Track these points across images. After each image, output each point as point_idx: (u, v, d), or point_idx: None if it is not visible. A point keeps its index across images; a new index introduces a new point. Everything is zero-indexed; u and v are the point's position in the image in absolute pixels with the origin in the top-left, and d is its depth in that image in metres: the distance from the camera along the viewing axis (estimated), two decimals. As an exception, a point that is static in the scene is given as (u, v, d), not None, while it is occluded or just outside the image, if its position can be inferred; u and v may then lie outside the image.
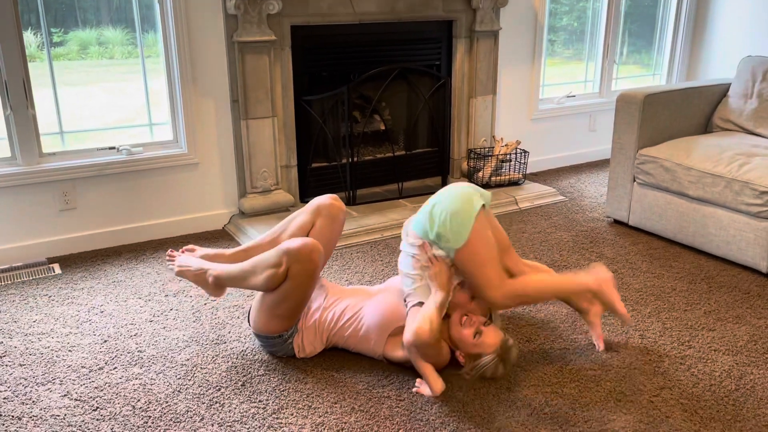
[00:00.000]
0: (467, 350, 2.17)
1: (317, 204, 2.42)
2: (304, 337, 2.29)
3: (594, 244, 3.35)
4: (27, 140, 3.06)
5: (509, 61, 4.31)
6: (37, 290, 2.85)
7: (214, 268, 2.30)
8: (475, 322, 2.17)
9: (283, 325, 2.25)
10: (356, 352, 2.33)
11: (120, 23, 3.26)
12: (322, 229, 2.40)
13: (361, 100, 3.89)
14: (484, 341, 2.14)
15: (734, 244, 3.03)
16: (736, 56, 4.70)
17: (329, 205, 2.42)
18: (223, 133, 3.47)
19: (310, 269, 2.14)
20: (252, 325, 2.32)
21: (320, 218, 2.40)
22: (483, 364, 2.13)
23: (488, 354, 2.13)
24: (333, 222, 2.42)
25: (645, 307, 2.70)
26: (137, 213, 3.37)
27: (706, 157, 3.17)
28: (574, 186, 4.33)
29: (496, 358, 2.13)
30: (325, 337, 2.31)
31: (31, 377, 2.21)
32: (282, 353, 2.32)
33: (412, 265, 2.20)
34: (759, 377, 2.22)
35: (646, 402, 2.08)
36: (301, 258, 2.11)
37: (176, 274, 2.38)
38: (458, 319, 2.20)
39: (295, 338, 2.28)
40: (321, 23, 3.52)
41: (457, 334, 2.19)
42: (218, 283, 2.30)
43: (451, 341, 2.22)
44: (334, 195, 2.46)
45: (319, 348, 2.32)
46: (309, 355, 2.31)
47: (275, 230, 2.46)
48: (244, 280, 2.22)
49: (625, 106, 3.44)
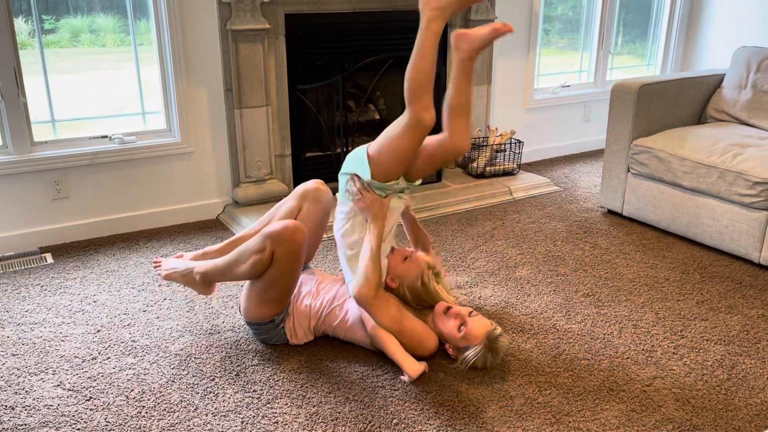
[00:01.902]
0: (454, 344, 2.19)
1: (303, 189, 2.43)
2: (296, 321, 2.29)
3: (588, 234, 3.36)
4: (18, 129, 3.03)
5: (504, 51, 4.30)
6: (29, 280, 2.83)
7: (200, 266, 2.30)
8: (459, 314, 2.17)
9: (273, 309, 2.25)
10: (347, 341, 2.33)
11: (112, 10, 3.23)
12: (309, 213, 2.40)
13: (356, 89, 3.87)
14: (470, 333, 2.14)
15: (727, 235, 3.04)
16: (731, 47, 4.70)
17: (314, 189, 2.42)
18: (216, 122, 3.45)
19: (293, 250, 2.14)
20: (243, 313, 2.32)
21: (306, 202, 2.41)
22: (472, 356, 2.13)
23: (476, 345, 2.13)
24: (318, 205, 2.42)
25: (638, 296, 2.71)
26: (130, 202, 3.35)
27: (700, 147, 3.18)
28: (568, 176, 4.33)
29: (483, 349, 2.13)
30: (314, 323, 2.31)
31: (23, 367, 2.20)
32: (275, 340, 2.32)
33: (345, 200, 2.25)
34: (750, 367, 2.23)
35: (638, 391, 2.09)
36: (284, 239, 2.11)
37: (164, 279, 2.38)
38: (441, 310, 2.21)
39: (286, 323, 2.28)
40: (315, 11, 3.49)
41: (442, 327, 2.20)
42: (206, 280, 2.30)
43: (439, 335, 2.23)
44: (319, 180, 2.47)
45: (310, 334, 2.33)
46: (301, 340, 2.32)
47: (262, 220, 2.47)
48: (231, 271, 2.22)
49: (620, 96, 3.44)
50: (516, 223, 3.52)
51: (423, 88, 2.06)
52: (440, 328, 2.20)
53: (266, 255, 2.12)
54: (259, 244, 2.13)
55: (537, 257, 3.08)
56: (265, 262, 2.13)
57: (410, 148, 2.13)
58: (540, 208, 3.75)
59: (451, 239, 3.29)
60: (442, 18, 2.06)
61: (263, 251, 2.12)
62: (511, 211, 3.70)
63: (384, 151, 2.15)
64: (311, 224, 2.39)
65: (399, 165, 2.17)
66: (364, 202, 2.18)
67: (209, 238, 3.28)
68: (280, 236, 2.11)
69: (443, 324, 2.19)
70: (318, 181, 2.46)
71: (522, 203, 3.83)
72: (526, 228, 3.44)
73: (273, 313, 2.25)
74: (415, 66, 2.07)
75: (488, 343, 2.13)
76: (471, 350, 2.13)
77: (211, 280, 2.30)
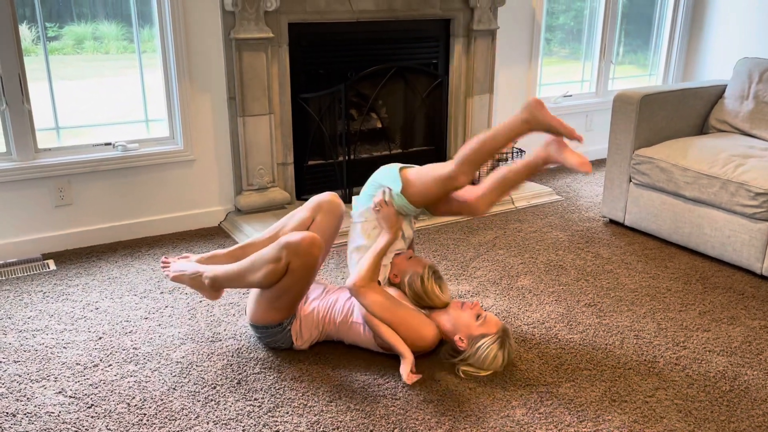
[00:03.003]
0: (469, 332, 2.20)
1: (317, 201, 2.43)
2: (303, 324, 2.30)
3: (590, 244, 3.36)
4: (22, 135, 3.04)
5: (506, 60, 4.31)
6: (31, 286, 2.83)
7: (210, 270, 2.29)
8: (475, 306, 2.23)
9: (282, 315, 2.26)
10: (350, 343, 2.34)
11: (116, 18, 3.24)
12: (321, 224, 2.40)
13: (358, 98, 3.89)
14: (489, 321, 2.20)
15: (729, 245, 3.04)
16: (733, 58, 4.71)
17: (329, 201, 2.43)
18: (219, 130, 3.46)
19: (310, 263, 2.15)
20: (249, 317, 2.32)
21: (320, 214, 2.41)
22: (488, 343, 2.16)
23: (493, 334, 2.17)
24: (332, 217, 2.42)
25: (640, 307, 2.71)
26: (133, 209, 3.36)
27: (702, 158, 3.18)
28: (570, 186, 4.34)
29: (499, 339, 2.17)
30: (321, 325, 2.32)
31: (25, 374, 2.20)
32: (280, 343, 2.31)
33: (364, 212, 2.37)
34: (753, 378, 2.23)
35: (640, 402, 2.09)
36: (301, 251, 2.11)
37: (172, 280, 2.37)
38: (458, 305, 2.26)
39: (293, 325, 2.29)
40: (319, 21, 3.51)
41: (458, 317, 2.23)
42: (215, 285, 2.29)
43: (451, 326, 2.24)
44: (333, 193, 2.47)
45: (315, 336, 2.33)
46: (305, 342, 2.32)
47: (274, 227, 2.46)
48: (243, 278, 2.22)
49: (622, 106, 3.45)
50: (518, 232, 3.52)
51: (476, 161, 2.26)
52: (455, 319, 2.23)
53: (281, 265, 2.12)
54: (275, 254, 2.12)
55: (539, 267, 3.08)
56: (280, 272, 2.13)
57: (437, 192, 2.31)
58: (542, 217, 3.75)
59: (452, 248, 3.29)
60: (531, 124, 2.26)
61: (279, 261, 2.12)
62: (512, 220, 3.70)
63: (417, 182, 2.31)
64: (323, 236, 2.39)
65: (423, 199, 2.33)
66: (383, 213, 2.28)
67: (211, 245, 3.28)
68: (297, 247, 2.11)
69: (459, 315, 2.23)
70: (332, 193, 2.46)
71: (524, 212, 3.83)
72: (527, 237, 3.44)
73: (281, 318, 2.26)
74: (486, 141, 2.25)
75: (503, 334, 2.18)
76: (488, 338, 2.17)
77: (220, 285, 2.30)
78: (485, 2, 3.90)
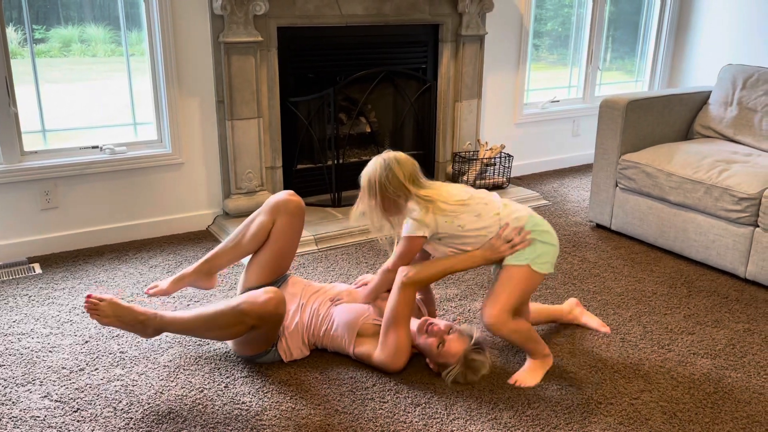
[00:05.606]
0: (433, 359, 2.20)
1: (274, 202, 2.34)
2: (289, 341, 2.27)
3: (576, 248, 3.38)
4: (8, 138, 3.02)
5: (494, 66, 4.34)
6: (17, 290, 2.81)
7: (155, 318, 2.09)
8: (437, 332, 2.17)
9: (263, 347, 2.24)
10: (333, 351, 2.33)
11: (103, 21, 3.23)
12: (283, 226, 2.33)
13: (347, 102, 3.89)
14: (447, 351, 2.15)
15: (713, 249, 3.08)
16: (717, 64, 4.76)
17: (286, 201, 2.33)
18: (207, 133, 3.46)
19: (277, 321, 2.12)
20: (232, 349, 2.32)
21: (279, 216, 2.32)
22: (451, 373, 2.16)
23: (452, 364, 2.15)
24: (293, 218, 2.34)
25: (626, 310, 2.73)
26: (120, 213, 3.34)
27: (687, 163, 3.22)
28: (557, 190, 4.37)
29: (461, 367, 2.15)
30: (306, 337, 2.30)
31: (10, 378, 2.18)
32: (270, 361, 2.29)
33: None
34: (737, 380, 2.25)
35: (626, 404, 2.11)
36: (265, 316, 2.06)
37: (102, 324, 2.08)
38: (423, 327, 2.21)
39: (279, 345, 2.26)
40: (308, 25, 3.52)
41: (422, 343, 2.21)
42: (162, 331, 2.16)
43: (419, 350, 2.25)
44: (290, 191, 2.39)
45: (305, 350, 2.31)
46: (296, 357, 2.30)
47: (236, 234, 2.38)
48: (202, 334, 2.20)
49: (609, 111, 3.48)
50: (505, 236, 3.53)
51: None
52: (422, 344, 2.22)
53: (246, 327, 2.08)
54: (237, 318, 2.05)
55: (526, 270, 3.09)
56: (245, 332, 2.10)
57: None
58: (529, 221, 3.77)
59: (440, 252, 3.29)
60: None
61: (243, 324, 2.06)
62: (500, 224, 3.71)
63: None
64: (287, 237, 2.34)
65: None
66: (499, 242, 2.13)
67: (199, 249, 3.27)
68: (261, 313, 2.04)
69: (425, 341, 2.20)
70: (289, 192, 2.38)
71: (511, 217, 3.84)
72: (515, 241, 3.46)
73: (264, 348, 2.24)
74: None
75: (465, 361, 2.15)
76: (452, 369, 2.15)
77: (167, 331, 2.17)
78: (474, 8, 3.93)
